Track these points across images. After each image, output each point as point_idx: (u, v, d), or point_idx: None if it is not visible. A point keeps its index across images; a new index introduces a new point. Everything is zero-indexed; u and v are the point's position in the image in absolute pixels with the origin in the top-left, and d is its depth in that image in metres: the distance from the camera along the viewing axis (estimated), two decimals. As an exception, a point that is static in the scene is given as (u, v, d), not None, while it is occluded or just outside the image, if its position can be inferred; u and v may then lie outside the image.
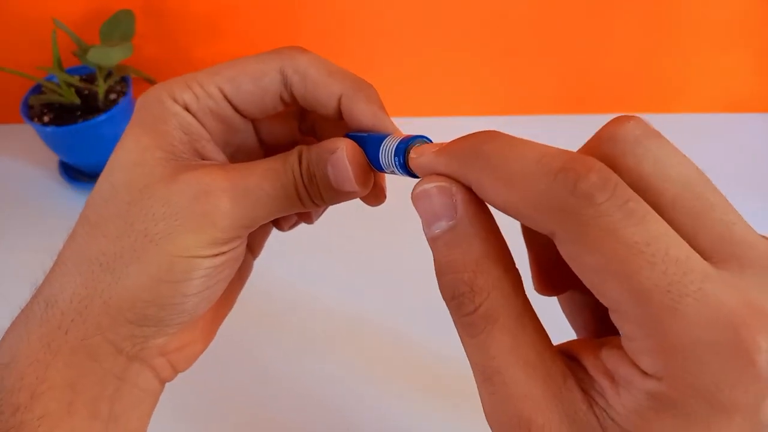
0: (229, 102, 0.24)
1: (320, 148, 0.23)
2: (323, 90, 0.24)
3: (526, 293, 0.18)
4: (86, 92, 0.57)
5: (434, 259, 0.18)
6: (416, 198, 0.19)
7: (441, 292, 0.18)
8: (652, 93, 0.68)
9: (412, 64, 0.65)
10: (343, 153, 0.22)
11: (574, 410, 0.16)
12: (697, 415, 0.14)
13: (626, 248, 0.14)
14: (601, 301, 0.16)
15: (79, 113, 0.56)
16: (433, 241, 0.18)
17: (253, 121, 0.26)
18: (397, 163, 0.21)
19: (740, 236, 0.15)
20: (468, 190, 0.18)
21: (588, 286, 0.16)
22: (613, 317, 0.16)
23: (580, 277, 0.16)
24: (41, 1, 0.59)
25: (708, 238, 0.15)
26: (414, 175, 0.22)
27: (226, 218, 0.22)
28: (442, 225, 0.18)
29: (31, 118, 0.55)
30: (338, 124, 0.25)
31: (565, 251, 0.16)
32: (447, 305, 0.18)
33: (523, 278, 0.18)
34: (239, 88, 0.24)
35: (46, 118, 0.56)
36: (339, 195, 0.23)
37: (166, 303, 0.22)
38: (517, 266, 0.18)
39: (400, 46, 0.64)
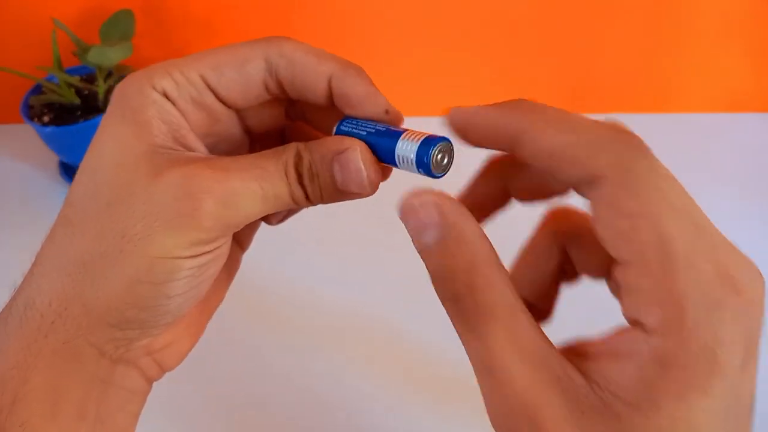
0: (212, 90, 0.23)
1: (324, 147, 0.22)
2: (311, 72, 0.22)
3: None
4: (86, 92, 0.57)
5: (428, 267, 0.19)
6: (404, 211, 0.19)
7: (438, 295, 0.19)
8: (652, 93, 0.68)
9: (412, 64, 0.65)
10: (356, 154, 0.22)
11: (575, 393, 0.17)
12: (697, 375, 0.15)
13: (666, 201, 0.16)
14: (615, 252, 0.17)
15: (79, 113, 0.56)
16: (424, 249, 0.19)
17: (237, 110, 0.25)
18: (422, 171, 0.21)
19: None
20: (453, 199, 0.19)
21: (611, 233, 0.17)
22: (623, 271, 0.17)
23: (602, 225, 0.17)
24: (41, 1, 0.59)
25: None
26: (435, 176, 0.21)
27: (209, 219, 0.20)
28: (433, 234, 0.19)
29: (31, 118, 0.55)
30: (328, 111, 0.24)
31: (604, 195, 0.17)
32: (445, 307, 0.19)
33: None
34: (222, 76, 0.23)
35: (46, 118, 0.56)
36: (341, 195, 0.23)
37: (147, 305, 0.21)
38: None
39: (400, 45, 0.64)
